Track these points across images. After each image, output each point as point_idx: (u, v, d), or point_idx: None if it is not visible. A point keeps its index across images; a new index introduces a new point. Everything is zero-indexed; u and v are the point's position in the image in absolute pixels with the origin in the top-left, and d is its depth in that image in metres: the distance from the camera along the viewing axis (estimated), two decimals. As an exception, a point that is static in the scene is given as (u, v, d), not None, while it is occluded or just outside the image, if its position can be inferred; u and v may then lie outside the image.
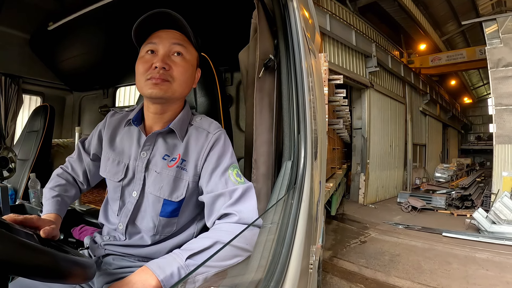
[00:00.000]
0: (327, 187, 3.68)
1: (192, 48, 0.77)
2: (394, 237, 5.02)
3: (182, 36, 0.75)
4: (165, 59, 0.71)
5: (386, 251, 4.27)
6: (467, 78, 17.51)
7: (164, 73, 0.70)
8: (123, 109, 0.88)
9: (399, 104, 9.60)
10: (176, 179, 0.74)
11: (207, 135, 0.76)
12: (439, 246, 4.55)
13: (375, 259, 3.95)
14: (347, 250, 4.27)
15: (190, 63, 0.76)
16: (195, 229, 0.81)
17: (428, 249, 4.43)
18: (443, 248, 4.48)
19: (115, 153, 0.81)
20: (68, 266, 0.47)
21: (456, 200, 7.33)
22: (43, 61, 2.13)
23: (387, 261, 3.90)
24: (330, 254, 4.03)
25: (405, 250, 4.33)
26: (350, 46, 7.09)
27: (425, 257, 4.05)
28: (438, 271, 3.60)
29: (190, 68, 0.76)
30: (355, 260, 3.86)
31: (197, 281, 0.56)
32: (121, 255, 0.79)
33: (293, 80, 0.84)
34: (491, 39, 6.90)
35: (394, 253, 4.20)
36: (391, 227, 5.65)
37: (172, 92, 0.72)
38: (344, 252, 4.18)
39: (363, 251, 4.27)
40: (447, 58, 10.45)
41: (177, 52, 0.73)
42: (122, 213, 0.79)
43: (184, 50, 0.74)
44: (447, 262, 3.88)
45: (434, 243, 4.68)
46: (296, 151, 0.80)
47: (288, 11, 0.88)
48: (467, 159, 14.90)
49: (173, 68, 0.72)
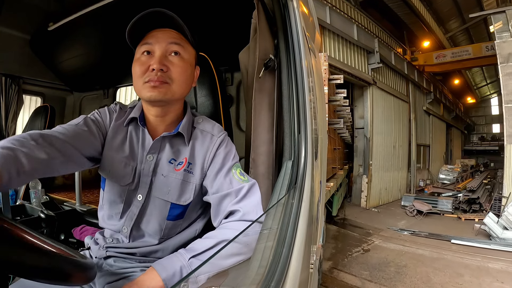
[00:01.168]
0: (327, 187, 3.65)
1: (189, 46, 0.75)
2: (400, 244, 4.76)
3: (178, 35, 0.73)
4: (162, 60, 0.69)
5: (391, 261, 4.01)
6: (471, 77, 17.43)
7: (162, 75, 0.68)
8: (125, 105, 0.85)
9: (402, 102, 9.44)
10: (184, 183, 0.75)
11: (211, 138, 0.76)
12: (449, 255, 4.31)
13: (380, 271, 3.70)
14: (348, 261, 4.02)
15: (189, 62, 0.74)
16: (198, 226, 0.82)
17: (437, 258, 4.18)
18: (452, 257, 4.24)
19: (120, 154, 0.76)
20: (69, 268, 0.47)
21: (463, 204, 7.10)
22: (43, 61, 2.15)
23: (393, 273, 3.65)
24: (330, 265, 3.78)
25: (412, 260, 4.08)
26: (351, 41, 6.86)
27: (434, 268, 3.83)
28: (449, 285, 3.37)
29: (189, 68, 0.74)
30: (357, 272, 3.62)
31: (200, 280, 0.58)
32: (123, 257, 0.79)
33: (293, 80, 0.85)
34: (501, 32, 6.59)
35: (400, 263, 3.95)
36: (396, 233, 5.43)
37: (172, 94, 0.70)
38: (346, 263, 3.92)
39: (366, 261, 4.02)
40: (452, 55, 10.25)
41: (175, 51, 0.71)
42: (126, 217, 0.77)
43: (181, 49, 0.72)
44: (458, 274, 3.64)
45: (443, 252, 4.44)
46: (297, 151, 0.81)
47: (288, 11, 0.89)
48: (471, 160, 14.86)
49: (171, 69, 0.70)
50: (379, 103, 7.98)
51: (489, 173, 12.11)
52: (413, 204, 6.90)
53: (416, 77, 10.37)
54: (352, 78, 6.82)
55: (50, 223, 1.32)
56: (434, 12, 10.28)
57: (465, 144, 19.98)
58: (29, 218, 1.35)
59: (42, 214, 1.31)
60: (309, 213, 0.83)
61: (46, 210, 1.35)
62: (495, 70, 16.61)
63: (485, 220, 5.21)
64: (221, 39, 1.30)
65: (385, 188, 8.35)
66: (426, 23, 10.06)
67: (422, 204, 6.88)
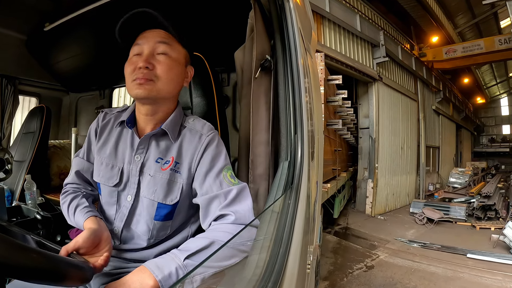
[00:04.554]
0: (325, 188, 3.56)
1: (178, 45, 0.79)
2: (409, 259, 4.31)
3: (166, 34, 0.77)
4: (148, 58, 0.74)
5: (398, 282, 3.61)
6: (480, 76, 17.30)
7: (148, 73, 0.73)
8: (112, 110, 0.90)
9: (411, 101, 9.03)
10: (170, 182, 0.77)
11: (200, 137, 0.78)
12: (465, 273, 3.91)
13: (385, 294, 3.25)
14: (348, 280, 3.61)
15: (176, 61, 0.78)
16: (189, 231, 0.84)
17: (452, 278, 3.78)
18: (469, 275, 3.84)
19: (108, 156, 0.82)
20: (66, 269, 0.49)
21: (478, 210, 6.64)
22: (40, 62, 2.19)
23: (400, 298, 3.20)
24: (326, 286, 3.40)
25: (422, 280, 3.68)
26: (354, 32, 6.42)
27: (449, 291, 3.38)
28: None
29: (176, 66, 0.78)
30: (358, 296, 3.17)
31: (195, 281, 0.58)
32: (118, 258, 0.82)
33: (289, 81, 0.87)
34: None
35: (408, 285, 3.56)
36: (405, 246, 5.00)
37: (157, 91, 0.74)
38: (345, 283, 3.50)
39: (369, 281, 3.62)
40: (463, 50, 9.77)
41: (162, 50, 0.76)
42: (117, 218, 0.81)
43: (169, 48, 0.76)
44: (478, 300, 3.20)
45: (458, 269, 4.02)
46: (293, 152, 0.83)
47: (285, 12, 0.92)
48: (482, 163, 14.66)
49: (157, 67, 0.74)
50: (385, 100, 7.57)
51: (501, 176, 11.98)
52: (423, 212, 6.50)
53: (424, 74, 10.07)
54: (355, 72, 6.41)
55: (46, 225, 1.35)
56: (442, 5, 10.07)
57: (475, 146, 19.82)
58: (25, 219, 1.38)
59: (38, 216, 1.35)
60: (306, 214, 0.86)
61: (42, 211, 1.39)
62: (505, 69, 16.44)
63: (506, 231, 4.84)
64: (218, 39, 1.33)
65: (392, 193, 7.88)
66: (435, 16, 9.63)
67: (433, 211, 6.54)
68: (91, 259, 0.64)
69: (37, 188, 1.69)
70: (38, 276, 0.44)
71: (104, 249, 0.68)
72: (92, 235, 0.68)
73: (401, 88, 8.39)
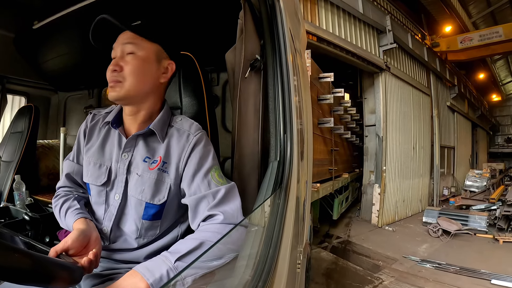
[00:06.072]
0: (314, 188, 3.42)
1: (146, 43, 0.85)
2: (419, 286, 3.70)
3: (132, 35, 0.84)
4: (117, 61, 0.81)
5: None
6: (496, 71, 17.12)
7: (116, 75, 0.80)
8: (101, 111, 0.97)
9: (423, 95, 8.30)
10: (158, 182, 0.83)
11: (188, 136, 0.84)
12: None
13: None
14: None
15: (144, 59, 0.83)
16: (179, 231, 0.90)
17: None
18: None
19: (96, 156, 0.89)
20: (54, 270, 0.52)
21: (501, 220, 6.05)
22: (28, 60, 2.25)
23: None
24: None
25: None
26: (356, 15, 5.88)
27: None
28: None
29: (144, 64, 0.83)
30: None
31: (186, 283, 0.62)
32: (107, 259, 0.89)
33: (279, 81, 0.93)
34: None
35: None
36: (415, 267, 4.32)
37: (126, 91, 0.81)
38: None
39: None
40: (480, 38, 9.20)
41: (129, 50, 0.83)
42: (106, 217, 0.87)
43: (135, 48, 0.83)
44: None
45: None
46: (282, 151, 0.89)
47: (275, 12, 0.98)
48: (500, 164, 14.31)
49: (124, 67, 0.81)
50: (394, 93, 6.96)
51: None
52: (438, 222, 5.97)
53: (438, 66, 9.59)
54: (358, 60, 5.85)
55: (35, 226, 1.40)
56: (454, -7, 9.82)
57: (490, 146, 19.66)
58: (13, 220, 1.43)
59: (27, 217, 1.40)
60: (295, 213, 0.92)
61: (30, 212, 1.44)
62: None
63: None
64: (207, 39, 1.39)
65: (402, 200, 7.30)
66: (448, 1, 9.14)
67: (450, 222, 5.91)
68: (81, 260, 0.69)
69: (26, 189, 1.76)
70: (26, 277, 0.46)
71: (93, 250, 0.73)
72: (80, 236, 0.74)
73: (411, 80, 7.76)
